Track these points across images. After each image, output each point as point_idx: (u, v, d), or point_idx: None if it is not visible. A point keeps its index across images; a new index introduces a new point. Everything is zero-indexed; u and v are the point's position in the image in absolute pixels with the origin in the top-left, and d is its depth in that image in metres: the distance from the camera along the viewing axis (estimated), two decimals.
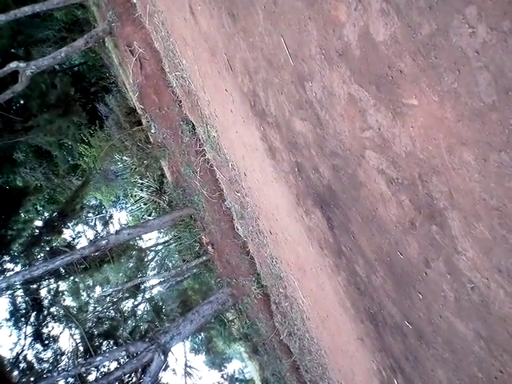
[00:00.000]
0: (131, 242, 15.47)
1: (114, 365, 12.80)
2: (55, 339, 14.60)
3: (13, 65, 9.91)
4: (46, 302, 15.07)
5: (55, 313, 15.11)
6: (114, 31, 10.68)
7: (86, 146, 14.82)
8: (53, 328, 14.82)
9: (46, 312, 14.95)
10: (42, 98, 14.32)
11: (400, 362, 4.44)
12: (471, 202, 2.55)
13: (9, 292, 13.67)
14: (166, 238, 17.45)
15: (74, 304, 15.70)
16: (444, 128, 2.50)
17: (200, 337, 18.31)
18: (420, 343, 3.83)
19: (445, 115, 2.45)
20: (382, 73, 2.77)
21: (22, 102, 15.46)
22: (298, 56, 3.68)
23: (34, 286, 14.50)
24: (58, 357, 14.33)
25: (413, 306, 3.68)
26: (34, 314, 14.65)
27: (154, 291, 16.62)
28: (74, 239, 18.07)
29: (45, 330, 14.68)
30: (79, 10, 14.48)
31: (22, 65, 9.95)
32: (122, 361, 11.72)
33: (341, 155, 3.72)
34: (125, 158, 12.17)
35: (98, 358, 9.92)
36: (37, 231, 17.21)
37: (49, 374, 13.54)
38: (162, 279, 15.68)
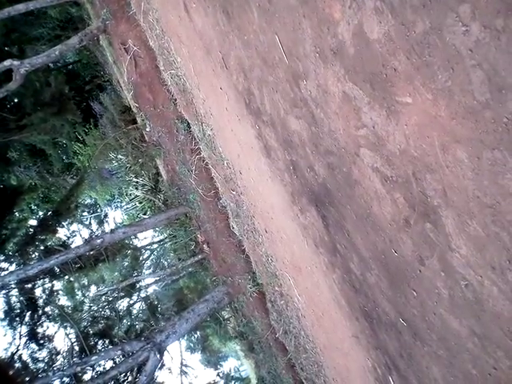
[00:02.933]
0: (126, 241, 15.44)
1: (109, 364, 12.76)
2: (50, 339, 14.54)
3: (7, 63, 9.85)
4: (40, 302, 15.01)
5: (50, 312, 15.04)
6: (108, 29, 10.63)
7: (80, 145, 14.73)
8: (48, 327, 14.76)
9: (40, 311, 14.89)
10: (36, 96, 14.23)
11: (395, 359, 4.46)
12: (465, 200, 2.56)
13: (3, 292, 13.61)
14: (162, 237, 17.40)
15: (69, 303, 15.63)
16: (438, 126, 2.50)
17: (196, 335, 18.30)
18: (414, 340, 3.85)
19: (438, 113, 2.45)
20: (376, 71, 2.78)
21: (15, 100, 15.36)
22: (292, 54, 3.68)
23: (29, 286, 14.44)
24: (54, 356, 14.28)
25: (407, 304, 3.69)
26: (28, 313, 14.59)
27: (150, 290, 16.57)
28: (68, 238, 17.98)
29: (40, 330, 14.62)
30: (73, 7, 14.38)
31: (15, 63, 9.89)
32: (117, 360, 11.69)
33: (335, 153, 3.73)
34: (120, 156, 12.14)
35: (94, 358, 9.91)
36: (31, 230, 17.12)
37: (44, 374, 13.51)
38: (158, 278, 15.64)
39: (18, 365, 13.86)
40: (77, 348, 13.46)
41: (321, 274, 5.61)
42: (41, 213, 19.00)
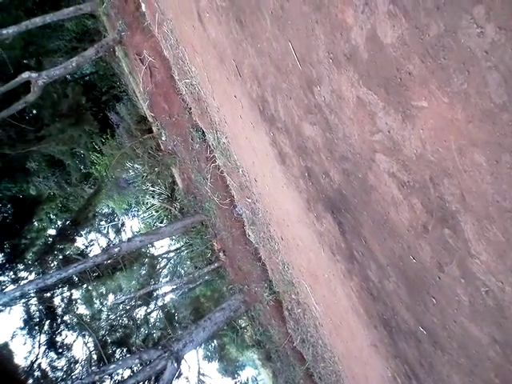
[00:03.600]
0: (143, 250, 15.53)
1: (127, 373, 12.83)
2: (69, 347, 14.68)
3: (25, 75, 10.05)
4: (59, 311, 15.18)
5: (69, 321, 15.20)
6: (123, 40, 10.78)
7: (97, 155, 14.92)
8: (66, 336, 14.92)
9: (59, 320, 15.05)
10: (53, 107, 14.47)
11: (415, 368, 4.37)
12: (484, 205, 2.50)
13: (23, 300, 13.79)
14: (178, 245, 17.48)
15: (88, 312, 15.77)
16: (454, 129, 2.46)
17: (213, 344, 18.28)
18: (435, 349, 3.77)
19: (455, 116, 2.41)
20: (390, 75, 2.75)
21: (34, 111, 15.63)
22: (306, 60, 3.67)
23: (48, 295, 14.62)
24: (72, 365, 14.40)
25: (426, 311, 3.63)
26: (47, 322, 14.76)
27: (167, 298, 16.65)
28: (86, 247, 18.20)
29: (58, 339, 14.78)
30: (89, 20, 14.64)
31: (33, 75, 10.09)
32: (135, 369, 11.74)
33: (351, 159, 3.70)
34: (136, 165, 12.25)
35: (112, 366, 9.93)
36: (50, 240, 17.37)
37: (63, 383, 13.62)
38: (175, 286, 15.70)
39: (37, 373, 14.00)
40: (95, 356, 13.54)
41: (338, 281, 5.56)
42: (59, 222, 19.27)
